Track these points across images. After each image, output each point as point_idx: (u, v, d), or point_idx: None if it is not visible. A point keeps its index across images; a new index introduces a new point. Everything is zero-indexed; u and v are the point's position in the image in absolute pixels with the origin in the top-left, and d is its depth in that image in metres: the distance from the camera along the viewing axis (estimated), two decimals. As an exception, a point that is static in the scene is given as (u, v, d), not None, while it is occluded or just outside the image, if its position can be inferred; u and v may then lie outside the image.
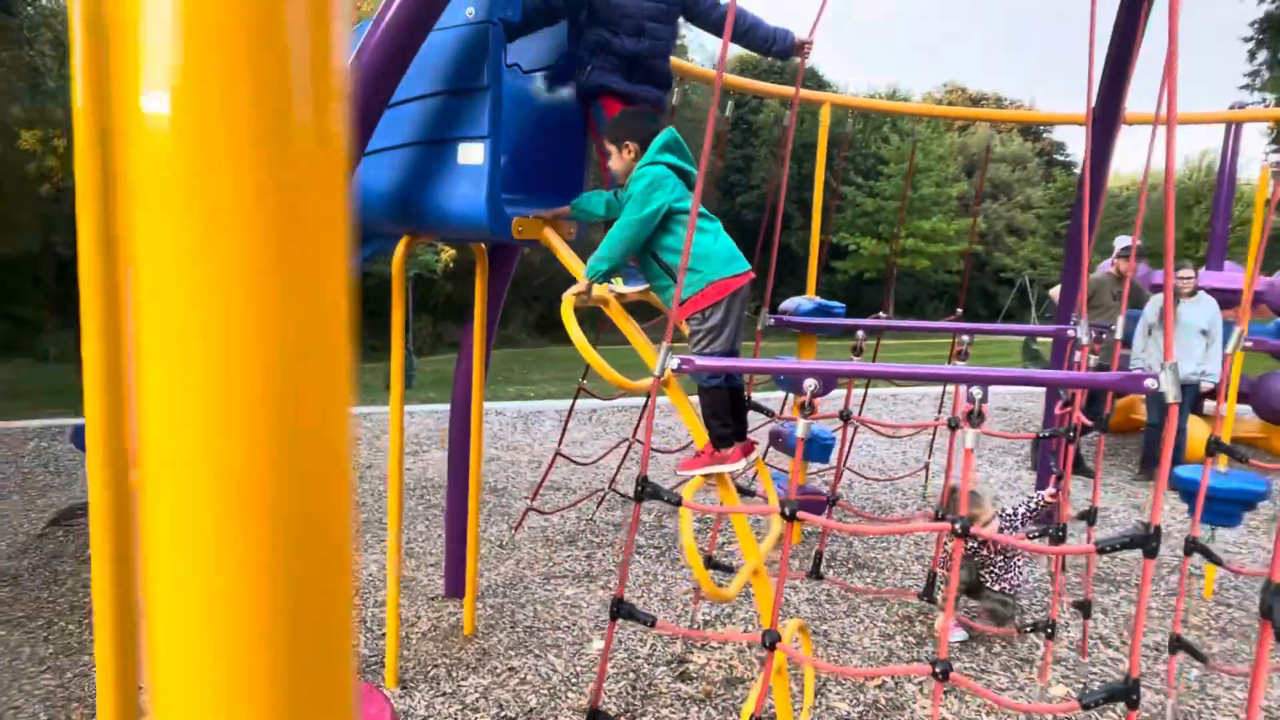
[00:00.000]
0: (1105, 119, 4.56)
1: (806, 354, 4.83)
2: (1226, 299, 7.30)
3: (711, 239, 2.69)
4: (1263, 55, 20.21)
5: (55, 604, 4.00)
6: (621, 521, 5.35)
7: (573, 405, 5.40)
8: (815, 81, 35.03)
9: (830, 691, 3.30)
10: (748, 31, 3.09)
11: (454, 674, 3.37)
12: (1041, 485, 5.39)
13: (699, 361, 2.25)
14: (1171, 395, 1.78)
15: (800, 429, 2.08)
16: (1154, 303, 6.97)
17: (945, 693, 3.28)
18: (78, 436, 4.81)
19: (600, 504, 5.50)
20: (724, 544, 4.94)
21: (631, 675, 3.40)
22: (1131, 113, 4.64)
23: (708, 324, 2.64)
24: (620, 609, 2.32)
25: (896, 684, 3.34)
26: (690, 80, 5.20)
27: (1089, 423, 3.03)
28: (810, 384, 2.04)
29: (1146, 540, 1.85)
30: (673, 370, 2.17)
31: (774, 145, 30.40)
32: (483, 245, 3.31)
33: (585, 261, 2.87)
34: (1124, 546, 1.88)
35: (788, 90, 5.70)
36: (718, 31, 3.09)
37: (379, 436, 7.60)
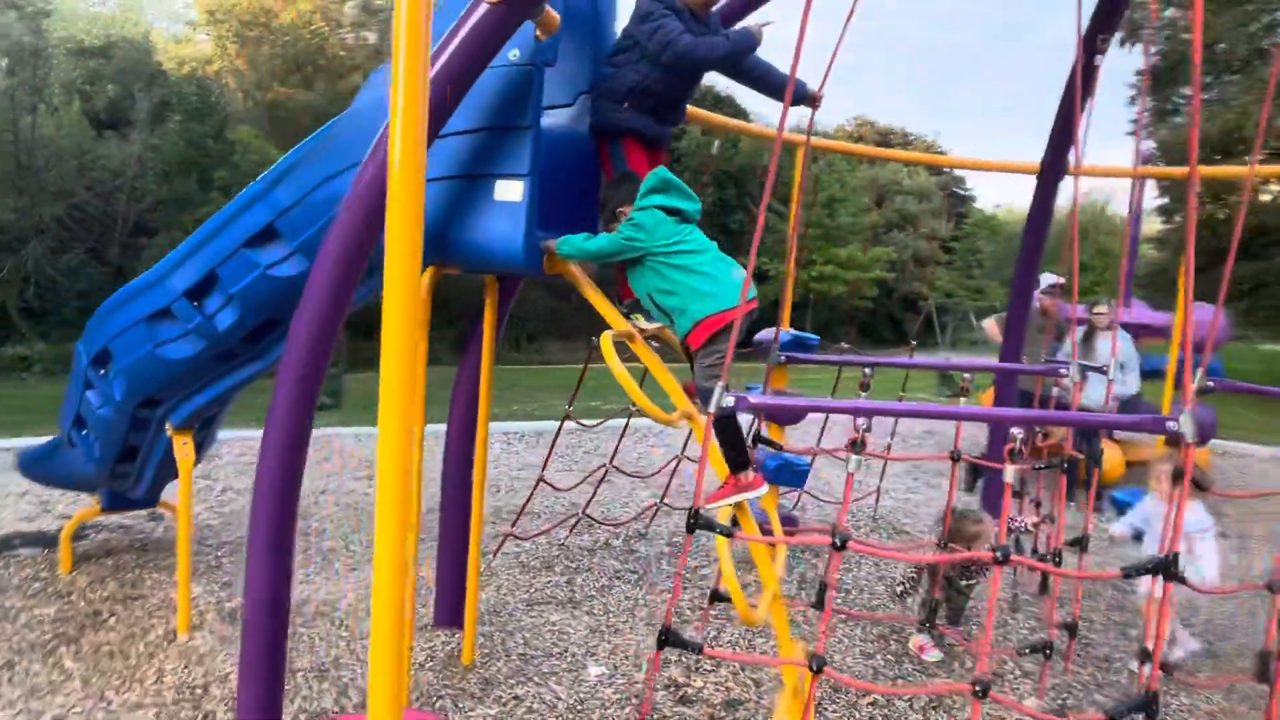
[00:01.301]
0: (1052, 169, 4.96)
1: (778, 383, 5.02)
2: (1136, 333, 7.94)
3: (698, 279, 2.79)
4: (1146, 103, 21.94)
5: (11, 642, 3.76)
6: (594, 546, 5.39)
7: (558, 432, 5.45)
8: (734, 109, 35.98)
9: (827, 710, 3.44)
10: (763, 77, 3.25)
11: (460, 704, 3.35)
12: (989, 510, 5.74)
13: (753, 399, 2.37)
14: (1189, 436, 2.01)
15: (852, 465, 2.22)
16: (1077, 336, 7.50)
17: (933, 708, 3.47)
18: (29, 465, 4.53)
19: (572, 529, 5.53)
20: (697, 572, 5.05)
21: (635, 700, 3.46)
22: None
23: (705, 361, 2.77)
24: (669, 638, 2.39)
25: (888, 700, 3.51)
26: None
27: (1078, 455, 3.29)
28: (861, 422, 2.19)
29: (1165, 566, 2.06)
30: (726, 408, 2.28)
31: (695, 171, 31.12)
32: (494, 275, 3.36)
33: (612, 302, 2.97)
34: (1147, 572, 2.09)
35: (799, 137, 5.92)
36: (741, 78, 3.24)
37: (327, 459, 7.41)
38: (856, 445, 2.21)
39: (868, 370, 3.33)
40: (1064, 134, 4.76)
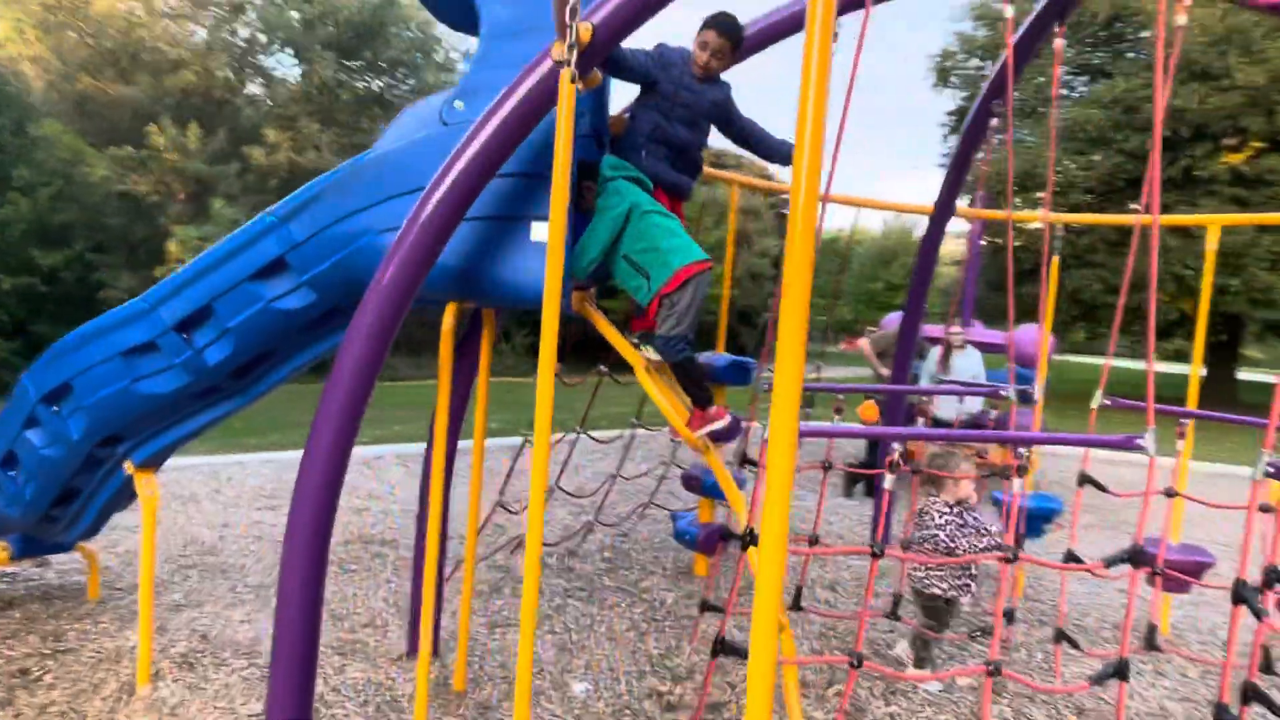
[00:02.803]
0: (944, 209, 5.64)
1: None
2: (981, 350, 9.00)
3: (674, 235, 3.07)
4: (953, 140, 24.64)
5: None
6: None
7: (518, 453, 5.48)
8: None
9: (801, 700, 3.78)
10: (759, 142, 3.55)
11: (465, 731, 3.39)
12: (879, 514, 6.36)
13: (804, 426, 2.64)
14: (1152, 451, 2.50)
15: (889, 482, 2.56)
16: (932, 355, 8.39)
17: (892, 692, 3.90)
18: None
19: (513, 552, 5.58)
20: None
21: (629, 714, 3.64)
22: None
23: (678, 307, 3.03)
24: (723, 647, 2.62)
25: (854, 691, 3.90)
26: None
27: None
28: (896, 446, 2.54)
29: (1137, 555, 2.55)
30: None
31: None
32: (494, 310, 3.45)
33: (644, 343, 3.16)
34: (1123, 561, 2.57)
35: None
36: (738, 141, 3.53)
37: (219, 490, 6.95)
38: (893, 466, 2.54)
39: (840, 396, 3.72)
40: (956, 179, 5.44)
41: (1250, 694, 2.50)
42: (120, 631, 4.12)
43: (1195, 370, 5.28)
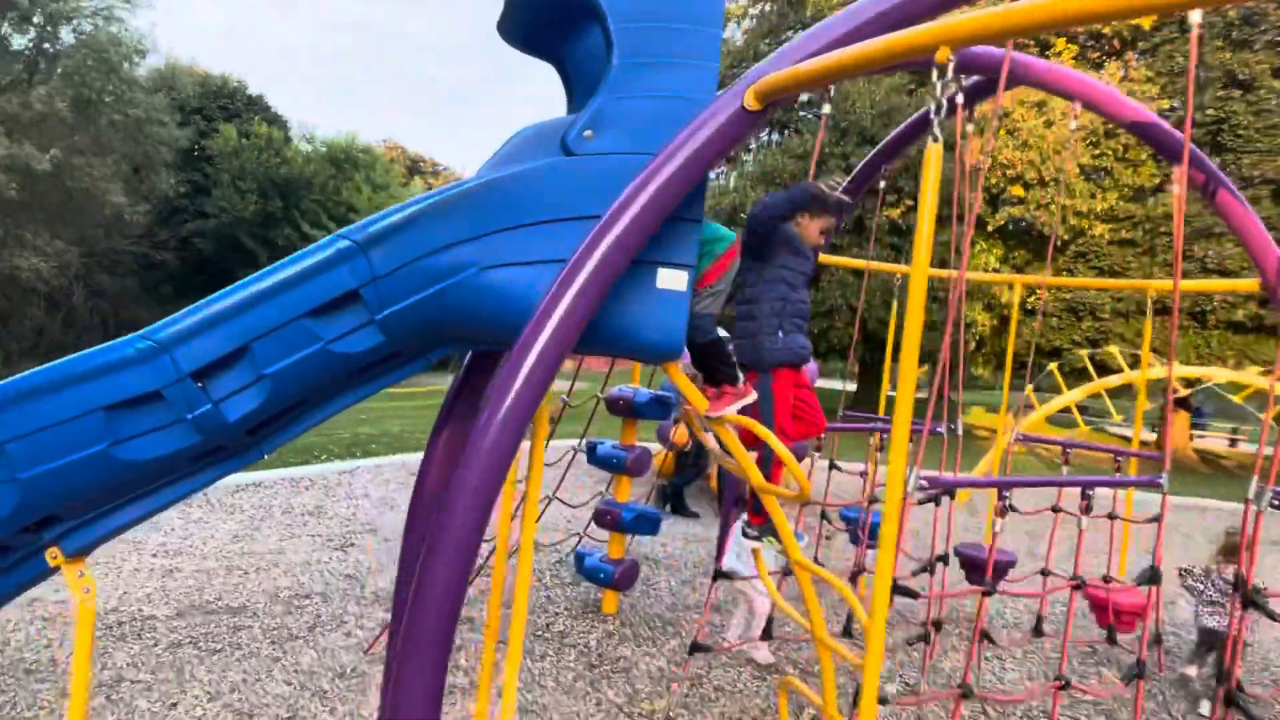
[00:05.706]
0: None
1: (628, 437, 5.30)
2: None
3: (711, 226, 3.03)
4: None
5: None
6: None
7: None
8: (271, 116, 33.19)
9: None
10: None
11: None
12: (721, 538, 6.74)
13: (942, 479, 2.78)
14: (1166, 488, 3.05)
15: (997, 525, 2.81)
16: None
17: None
18: None
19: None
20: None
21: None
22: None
23: (717, 287, 2.97)
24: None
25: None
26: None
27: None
28: (1005, 493, 2.80)
29: (1153, 577, 3.09)
30: (917, 489, 2.67)
31: (235, 175, 27.90)
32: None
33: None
34: (1145, 583, 3.09)
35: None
36: None
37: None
38: (1005, 511, 2.81)
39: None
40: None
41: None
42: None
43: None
